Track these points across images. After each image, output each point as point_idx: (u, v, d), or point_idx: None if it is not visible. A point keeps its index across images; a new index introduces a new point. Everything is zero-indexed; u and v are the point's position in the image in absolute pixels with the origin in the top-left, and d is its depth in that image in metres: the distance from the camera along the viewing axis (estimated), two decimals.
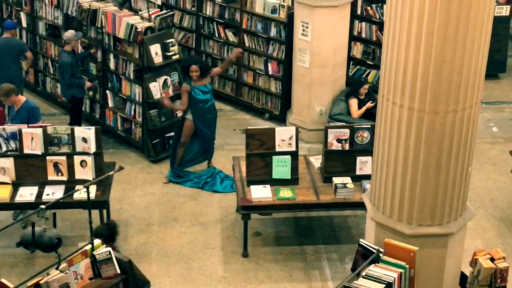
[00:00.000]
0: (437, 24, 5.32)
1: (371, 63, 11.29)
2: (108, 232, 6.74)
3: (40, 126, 8.16)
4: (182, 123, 9.52)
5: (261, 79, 11.09)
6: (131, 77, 9.95)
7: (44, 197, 7.94)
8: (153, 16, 9.79)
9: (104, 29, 10.07)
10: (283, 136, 8.24)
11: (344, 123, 9.11)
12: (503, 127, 10.90)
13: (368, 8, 11.16)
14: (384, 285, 5.36)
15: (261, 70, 11.00)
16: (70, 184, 8.05)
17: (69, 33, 9.90)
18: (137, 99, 9.98)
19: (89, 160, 8.08)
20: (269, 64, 10.88)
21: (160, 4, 10.54)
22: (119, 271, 6.09)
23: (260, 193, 8.12)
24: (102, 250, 6.04)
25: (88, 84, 10.22)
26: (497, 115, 11.20)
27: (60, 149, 8.09)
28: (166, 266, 8.13)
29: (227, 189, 9.39)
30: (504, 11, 11.84)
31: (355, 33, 11.29)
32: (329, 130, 8.24)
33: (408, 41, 5.48)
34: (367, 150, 8.12)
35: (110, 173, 7.08)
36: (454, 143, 5.75)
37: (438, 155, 5.75)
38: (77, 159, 8.10)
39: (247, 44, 11.02)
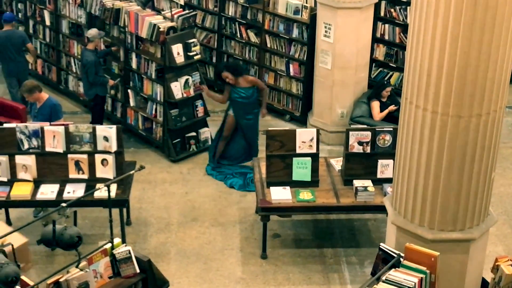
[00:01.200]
0: (462, 27, 5.27)
1: (394, 66, 11.22)
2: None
3: (62, 124, 8.21)
4: (225, 118, 9.70)
5: (282, 80, 11.07)
6: (153, 76, 9.97)
7: (65, 195, 7.98)
8: (175, 16, 9.81)
9: (126, 29, 10.11)
10: (304, 137, 8.22)
11: (365, 126, 9.06)
12: None
13: (392, 10, 11.09)
14: None
15: (283, 71, 10.98)
16: (91, 182, 8.09)
17: (93, 31, 9.96)
18: (158, 98, 10.01)
19: (110, 158, 8.11)
20: (291, 65, 10.86)
21: (182, 4, 10.56)
22: (138, 270, 6.12)
23: (280, 194, 8.10)
24: (122, 249, 6.06)
25: (111, 82, 10.29)
26: None
27: (81, 148, 8.14)
28: (185, 266, 8.14)
29: (243, 189, 9.40)
30: None
31: (378, 35, 11.23)
32: (351, 133, 8.20)
33: (433, 43, 5.43)
34: (389, 153, 8.08)
35: (131, 172, 7.11)
36: (477, 148, 5.69)
37: (461, 160, 5.71)
38: (98, 157, 8.13)
39: (269, 45, 11.00)
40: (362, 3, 9.78)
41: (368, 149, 8.20)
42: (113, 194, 7.92)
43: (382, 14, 11.18)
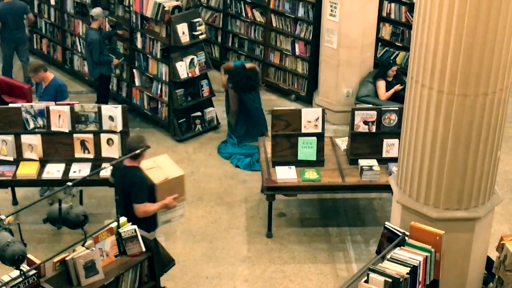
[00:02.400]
0: (468, 5, 5.24)
1: (400, 45, 11.16)
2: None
3: (68, 104, 8.22)
4: (227, 94, 9.83)
5: (288, 60, 11.04)
6: (158, 56, 9.95)
7: (71, 174, 8.00)
8: None
9: (131, 8, 10.07)
10: (309, 117, 8.20)
11: (371, 105, 9.04)
12: None
13: None
14: (409, 268, 5.33)
15: (288, 50, 10.94)
16: (97, 162, 8.10)
17: (98, 10, 9.94)
18: (163, 78, 9.99)
19: (116, 138, 8.12)
20: (296, 45, 10.82)
21: None
22: (144, 249, 6.13)
23: (285, 174, 8.10)
24: (127, 228, 6.08)
25: (115, 61, 10.27)
26: None
27: (87, 127, 8.14)
28: (191, 245, 8.17)
29: (249, 168, 9.45)
30: None
31: (384, 14, 11.16)
32: (356, 112, 8.18)
33: (439, 22, 5.40)
34: (394, 132, 8.06)
35: (136, 151, 7.10)
36: (483, 127, 5.67)
37: (467, 139, 5.69)
38: (103, 137, 8.14)
39: (274, 24, 10.96)
40: None
41: (373, 129, 8.19)
42: None
43: None
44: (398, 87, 9.89)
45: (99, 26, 10.01)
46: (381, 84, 9.98)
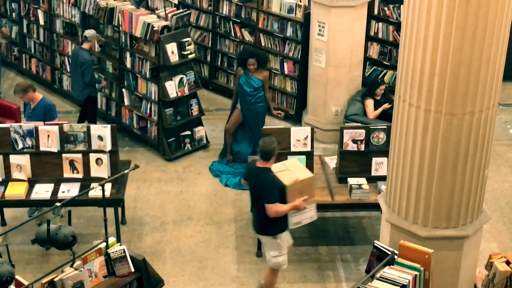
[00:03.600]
0: (455, 25, 5.28)
1: (388, 64, 11.23)
2: None
3: (57, 124, 8.20)
4: (232, 111, 9.76)
5: (277, 79, 11.07)
6: (147, 75, 9.97)
7: (60, 195, 7.97)
8: (169, 15, 9.81)
9: (120, 28, 10.10)
10: (298, 136, 8.22)
11: (359, 124, 9.07)
12: None
13: (385, 8, 11.10)
14: (398, 287, 5.33)
15: (277, 69, 10.98)
16: (86, 181, 8.08)
17: (92, 31, 9.94)
18: (153, 97, 10.00)
19: (105, 158, 8.10)
20: (285, 64, 10.86)
21: (176, 3, 10.55)
22: (133, 270, 6.12)
23: None
24: (116, 248, 6.06)
25: (103, 83, 10.27)
26: None
27: (76, 147, 8.13)
28: (180, 265, 8.14)
29: (238, 187, 9.42)
30: None
31: (372, 34, 11.24)
32: (345, 131, 8.21)
33: (426, 42, 5.44)
34: (383, 151, 8.09)
35: (126, 171, 7.11)
36: (470, 145, 5.70)
37: (455, 157, 5.71)
38: (92, 157, 8.12)
39: (263, 44, 11.00)
40: (355, 2, 9.79)
41: (362, 147, 8.22)
42: (107, 193, 7.91)
43: (375, 12, 11.18)
44: (386, 105, 9.93)
45: (90, 47, 10.00)
46: (370, 103, 10.03)
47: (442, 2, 5.25)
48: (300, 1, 10.56)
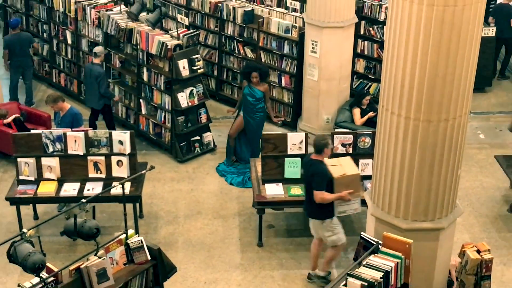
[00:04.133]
0: (431, 43, 5.29)
1: (373, 77, 11.23)
2: None
3: (83, 130, 8.21)
4: (236, 118, 9.71)
5: (275, 91, 11.07)
6: (162, 88, 9.97)
7: (85, 192, 7.97)
8: (181, 35, 9.81)
9: (138, 46, 10.10)
10: (294, 140, 8.22)
11: (348, 130, 9.06)
12: (489, 134, 10.81)
13: (370, 28, 11.11)
14: (382, 273, 5.32)
15: (275, 82, 10.98)
16: (108, 181, 8.08)
17: (100, 47, 9.99)
18: (166, 107, 10.00)
19: (125, 160, 8.10)
20: (283, 78, 10.86)
21: (187, 24, 10.56)
22: (149, 258, 6.11)
23: (274, 190, 8.10)
24: (135, 239, 6.06)
25: (117, 98, 10.33)
26: (483, 123, 11.11)
27: (99, 150, 8.13)
28: (191, 254, 8.13)
29: (241, 185, 9.39)
30: (491, 32, 11.75)
31: (359, 51, 11.23)
32: (335, 136, 8.21)
33: (406, 58, 5.44)
34: (369, 153, 8.08)
35: (143, 171, 7.10)
36: (445, 148, 5.70)
37: (431, 159, 5.71)
38: (114, 159, 8.13)
39: (263, 60, 11.00)
40: (344, 23, 9.79)
41: (350, 150, 8.21)
42: (127, 191, 7.92)
43: (362, 32, 11.18)
44: (371, 114, 9.92)
45: (101, 61, 10.00)
46: (357, 111, 10.02)
47: (420, 24, 5.26)
48: (296, 22, 10.56)
